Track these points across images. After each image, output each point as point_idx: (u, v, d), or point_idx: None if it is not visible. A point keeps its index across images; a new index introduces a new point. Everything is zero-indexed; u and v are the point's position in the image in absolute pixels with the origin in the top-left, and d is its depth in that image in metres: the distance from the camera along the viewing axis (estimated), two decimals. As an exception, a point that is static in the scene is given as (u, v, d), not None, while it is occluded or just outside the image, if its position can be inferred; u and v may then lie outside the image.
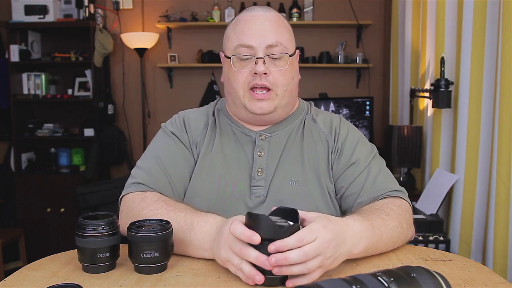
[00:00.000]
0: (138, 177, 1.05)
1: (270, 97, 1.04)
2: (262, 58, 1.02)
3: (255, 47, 1.02)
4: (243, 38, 1.03)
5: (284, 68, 1.04)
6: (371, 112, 3.21)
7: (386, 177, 1.09)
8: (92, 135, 3.49)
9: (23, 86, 3.48)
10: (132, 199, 1.01)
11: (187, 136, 1.12)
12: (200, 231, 0.87)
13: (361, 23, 3.45)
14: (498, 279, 0.80)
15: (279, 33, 1.05)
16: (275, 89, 1.04)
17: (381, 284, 0.57)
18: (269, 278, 0.75)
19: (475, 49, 1.98)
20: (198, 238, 0.86)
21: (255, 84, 1.03)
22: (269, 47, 1.03)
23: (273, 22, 1.05)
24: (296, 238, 0.72)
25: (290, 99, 1.10)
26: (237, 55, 1.04)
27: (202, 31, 3.65)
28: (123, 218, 0.99)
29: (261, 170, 1.07)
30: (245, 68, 1.04)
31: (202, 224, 0.87)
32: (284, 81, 1.05)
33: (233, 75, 1.06)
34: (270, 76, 1.03)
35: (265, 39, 1.02)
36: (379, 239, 0.88)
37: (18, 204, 3.45)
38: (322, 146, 1.11)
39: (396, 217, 0.95)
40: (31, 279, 0.81)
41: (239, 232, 0.74)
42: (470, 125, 2.01)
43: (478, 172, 1.99)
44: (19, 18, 3.38)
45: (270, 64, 1.04)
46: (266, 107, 1.05)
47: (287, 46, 1.06)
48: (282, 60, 1.05)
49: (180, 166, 1.08)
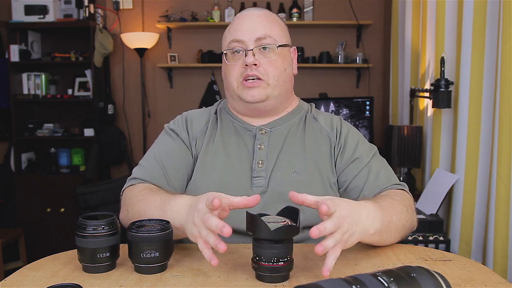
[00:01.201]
0: (135, 173, 1.12)
1: (261, 85, 1.09)
2: (251, 50, 1.09)
3: (245, 41, 1.09)
4: (234, 34, 1.11)
5: (273, 58, 1.10)
6: (371, 112, 3.20)
7: (389, 173, 1.12)
8: (92, 135, 3.49)
9: (23, 86, 3.48)
10: (126, 193, 1.07)
11: (187, 133, 1.17)
12: (170, 210, 0.90)
13: (361, 23, 3.45)
14: (498, 279, 0.80)
15: (269, 27, 1.11)
16: (266, 79, 1.09)
17: (381, 284, 0.57)
18: (271, 276, 0.76)
19: (475, 49, 1.98)
20: (169, 217, 0.89)
21: (247, 75, 1.09)
22: (258, 39, 1.09)
23: (262, 18, 1.12)
24: (326, 204, 0.75)
25: (284, 90, 1.14)
26: (229, 49, 1.11)
27: (202, 31, 3.65)
28: (121, 213, 1.05)
29: (262, 162, 1.11)
30: (237, 62, 1.11)
31: (173, 204, 0.91)
32: (275, 72, 1.10)
33: (227, 69, 1.13)
34: (260, 67, 1.09)
35: (254, 32, 1.09)
36: (390, 220, 0.92)
37: (18, 204, 3.45)
38: (324, 142, 1.15)
39: (401, 202, 1.00)
40: (31, 279, 0.81)
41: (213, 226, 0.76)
42: (470, 125, 2.01)
43: (478, 172, 1.99)
44: (19, 18, 3.38)
45: (260, 55, 1.10)
46: (257, 95, 1.09)
47: (276, 38, 1.11)
48: (271, 51, 1.10)
49: (176, 159, 1.13)
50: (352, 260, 0.90)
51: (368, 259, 0.91)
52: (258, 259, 0.77)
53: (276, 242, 0.75)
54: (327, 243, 0.74)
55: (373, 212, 0.87)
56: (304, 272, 0.83)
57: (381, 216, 0.89)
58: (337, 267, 0.86)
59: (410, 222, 1.01)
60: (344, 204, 0.80)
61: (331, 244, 0.75)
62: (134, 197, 1.02)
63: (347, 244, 0.79)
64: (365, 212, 0.85)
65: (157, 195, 0.98)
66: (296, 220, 0.77)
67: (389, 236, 0.94)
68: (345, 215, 0.78)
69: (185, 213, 0.86)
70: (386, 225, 0.90)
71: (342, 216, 0.77)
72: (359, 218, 0.82)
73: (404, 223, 0.97)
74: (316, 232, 0.73)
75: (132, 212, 0.99)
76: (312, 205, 0.79)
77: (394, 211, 0.95)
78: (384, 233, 0.91)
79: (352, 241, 0.81)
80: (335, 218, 0.76)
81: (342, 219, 0.77)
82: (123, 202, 1.06)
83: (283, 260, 0.76)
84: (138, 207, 0.98)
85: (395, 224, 0.94)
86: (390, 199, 0.99)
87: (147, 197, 0.99)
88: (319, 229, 0.73)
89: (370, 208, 0.87)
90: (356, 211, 0.83)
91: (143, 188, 1.04)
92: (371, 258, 0.91)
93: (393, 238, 0.96)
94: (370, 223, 0.85)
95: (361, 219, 0.83)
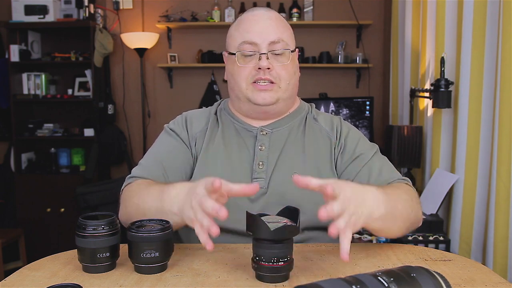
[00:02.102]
0: (133, 172, 1.12)
1: (273, 89, 1.10)
2: (265, 54, 1.08)
3: (258, 43, 1.09)
4: (246, 35, 1.10)
5: (286, 63, 1.10)
6: (371, 112, 3.20)
7: (391, 169, 1.13)
8: (92, 135, 3.49)
9: (23, 86, 3.48)
10: (124, 191, 1.07)
11: (187, 133, 1.17)
12: (168, 197, 0.90)
13: (361, 23, 3.45)
14: (498, 279, 0.80)
15: (281, 30, 1.11)
16: (279, 82, 1.10)
17: (381, 284, 0.57)
18: (271, 276, 0.76)
19: (475, 49, 1.98)
20: (168, 203, 0.89)
21: (259, 78, 1.09)
22: (272, 43, 1.09)
23: (274, 21, 1.11)
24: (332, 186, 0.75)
25: (292, 93, 1.15)
26: (241, 51, 1.10)
27: (202, 31, 3.65)
28: (120, 211, 1.05)
29: (262, 163, 1.11)
30: (248, 64, 1.10)
31: (170, 190, 0.91)
32: (287, 76, 1.11)
33: (237, 71, 1.12)
34: (273, 71, 1.09)
35: (268, 36, 1.09)
36: (395, 206, 0.91)
37: (18, 204, 3.45)
38: (324, 142, 1.15)
39: (406, 192, 1.00)
40: (31, 279, 0.81)
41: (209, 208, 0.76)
42: (470, 125, 2.01)
43: (478, 172, 1.99)
44: (19, 18, 3.38)
45: (273, 59, 1.10)
46: (269, 98, 1.10)
47: (288, 43, 1.12)
48: (284, 56, 1.11)
49: (175, 159, 1.13)
50: (352, 260, 0.90)
51: (368, 259, 0.91)
52: (258, 259, 0.77)
53: (276, 242, 0.75)
54: (339, 223, 0.74)
55: (377, 196, 0.86)
56: (304, 272, 0.83)
57: (386, 201, 0.88)
58: (337, 267, 0.86)
59: (415, 213, 1.00)
60: (348, 187, 0.80)
61: (342, 224, 0.74)
62: (132, 191, 1.03)
63: (356, 226, 0.79)
64: (370, 195, 0.85)
65: (155, 185, 0.99)
66: (296, 220, 0.77)
67: (393, 224, 0.93)
68: (349, 197, 0.77)
69: (183, 198, 0.85)
70: (390, 211, 0.89)
71: (347, 198, 0.77)
72: (363, 200, 0.82)
73: (409, 212, 0.97)
74: (324, 213, 0.73)
75: (130, 205, 0.99)
76: (316, 188, 0.78)
77: (399, 199, 0.94)
78: (388, 220, 0.89)
79: (359, 224, 0.80)
80: (341, 200, 0.75)
81: (347, 201, 0.76)
82: (121, 200, 1.06)
83: (283, 260, 0.76)
84: (136, 199, 0.98)
85: (399, 212, 0.93)
86: (395, 187, 1.00)
87: (144, 189, 0.99)
88: (327, 210, 0.73)
89: (374, 191, 0.87)
90: (361, 193, 0.82)
91: (140, 182, 1.04)
92: (371, 258, 0.91)
93: (397, 228, 0.95)
94: (375, 206, 0.84)
95: (365, 202, 0.82)
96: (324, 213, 0.73)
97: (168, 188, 0.92)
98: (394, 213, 0.90)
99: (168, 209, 0.89)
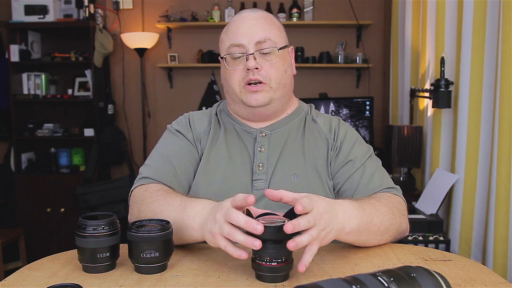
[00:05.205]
0: (144, 172, 1.11)
1: (264, 89, 1.10)
2: (252, 54, 1.08)
3: (245, 45, 1.09)
4: (233, 38, 1.10)
5: (274, 61, 1.10)
6: (371, 112, 3.20)
7: (382, 176, 1.12)
8: (92, 135, 3.49)
9: (23, 86, 3.48)
10: (137, 192, 1.05)
11: (192, 133, 1.18)
12: (191, 210, 0.89)
13: (361, 23, 3.45)
14: (498, 279, 0.80)
15: (267, 29, 1.11)
16: (269, 82, 1.10)
17: (381, 284, 0.57)
18: (271, 276, 0.76)
19: (475, 49, 1.98)
20: (189, 217, 0.88)
21: (249, 79, 1.09)
22: (258, 43, 1.09)
23: (260, 21, 1.11)
24: (302, 204, 0.74)
25: (285, 91, 1.14)
26: (229, 54, 1.11)
27: (202, 31, 3.65)
28: (131, 211, 1.04)
29: (262, 164, 1.11)
30: (238, 66, 1.10)
31: (195, 204, 0.90)
32: (277, 74, 1.10)
33: (228, 74, 1.12)
34: (262, 70, 1.09)
35: (253, 36, 1.09)
36: (370, 221, 0.91)
37: (18, 204, 3.45)
38: (322, 144, 1.15)
39: (386, 204, 1.00)
40: (31, 279, 0.81)
41: (242, 221, 0.74)
42: (470, 125, 2.01)
43: (478, 172, 1.99)
44: (19, 18, 3.38)
45: (261, 59, 1.09)
46: (261, 99, 1.10)
47: (276, 41, 1.11)
48: (272, 54, 1.10)
49: (184, 159, 1.13)
50: (352, 260, 0.90)
51: (368, 259, 0.91)
52: (258, 259, 0.77)
53: (276, 242, 0.75)
54: (300, 240, 0.74)
55: (350, 210, 0.87)
56: (304, 272, 0.83)
57: (360, 215, 0.89)
58: (337, 267, 0.86)
59: (396, 225, 0.99)
60: (321, 202, 0.80)
61: (305, 241, 0.74)
62: (148, 196, 1.00)
63: (324, 241, 0.79)
64: (342, 209, 0.85)
65: (177, 196, 0.97)
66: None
67: (369, 237, 0.93)
68: (322, 212, 0.78)
69: (207, 213, 0.85)
70: (365, 225, 0.90)
71: (319, 213, 0.77)
72: (336, 215, 0.82)
73: (388, 226, 0.96)
74: (290, 227, 0.73)
75: (146, 211, 0.97)
76: (289, 202, 0.79)
77: (376, 212, 0.94)
78: (363, 233, 0.90)
79: (329, 238, 0.81)
80: (311, 216, 0.75)
81: (319, 216, 0.77)
82: (133, 201, 1.04)
83: (283, 260, 0.76)
84: (154, 206, 0.97)
85: (376, 226, 0.93)
86: (375, 200, 0.99)
87: (165, 198, 0.97)
88: (293, 224, 0.73)
89: (347, 206, 0.88)
90: (333, 208, 0.83)
91: (158, 188, 1.02)
92: (371, 258, 0.91)
93: (374, 240, 0.95)
94: (346, 221, 0.85)
95: (337, 216, 0.83)
96: (289, 227, 0.72)
97: (192, 201, 0.91)
98: (368, 227, 0.91)
99: (189, 222, 0.88)
